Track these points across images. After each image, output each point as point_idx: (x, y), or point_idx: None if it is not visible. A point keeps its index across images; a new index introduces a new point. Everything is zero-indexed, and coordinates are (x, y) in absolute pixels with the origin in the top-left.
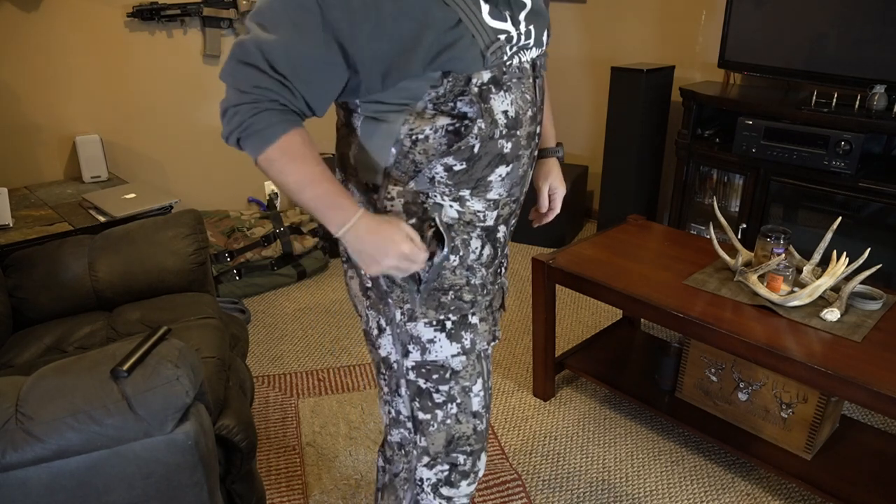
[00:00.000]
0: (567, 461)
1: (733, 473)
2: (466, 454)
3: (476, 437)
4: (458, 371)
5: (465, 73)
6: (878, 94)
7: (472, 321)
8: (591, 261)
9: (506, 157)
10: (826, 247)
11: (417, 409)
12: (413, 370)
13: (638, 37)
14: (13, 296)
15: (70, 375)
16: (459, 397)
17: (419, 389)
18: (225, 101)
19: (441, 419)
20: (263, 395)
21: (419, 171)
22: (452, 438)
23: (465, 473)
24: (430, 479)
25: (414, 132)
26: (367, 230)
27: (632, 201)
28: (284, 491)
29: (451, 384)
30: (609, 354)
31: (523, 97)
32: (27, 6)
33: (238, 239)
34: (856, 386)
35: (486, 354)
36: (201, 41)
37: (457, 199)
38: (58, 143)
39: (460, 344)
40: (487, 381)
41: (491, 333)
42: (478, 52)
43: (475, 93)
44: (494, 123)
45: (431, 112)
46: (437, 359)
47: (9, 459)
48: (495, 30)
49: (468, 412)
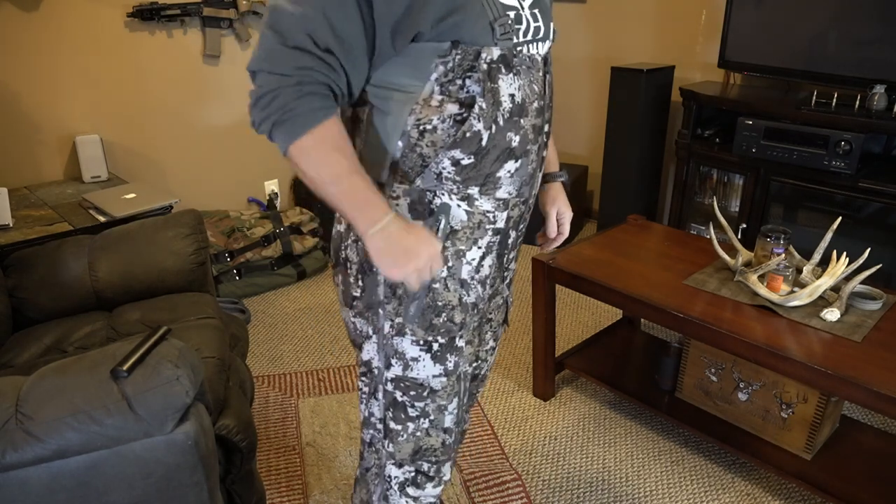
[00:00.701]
0: (567, 461)
1: (733, 473)
2: (431, 463)
3: (443, 450)
4: (436, 391)
5: (475, 45)
6: (878, 94)
7: (459, 344)
8: (591, 261)
9: (514, 152)
10: (826, 247)
11: (390, 418)
12: (392, 382)
13: (638, 37)
14: (13, 296)
15: (70, 375)
16: (433, 414)
17: (395, 401)
18: (260, 87)
19: (412, 431)
20: (263, 395)
21: (426, 165)
22: (419, 449)
23: (430, 478)
24: (398, 478)
25: (421, 122)
26: (399, 231)
27: (632, 201)
28: (284, 491)
29: (428, 402)
30: (609, 354)
31: (531, 86)
32: (27, 6)
33: (238, 239)
34: (856, 386)
35: (466, 375)
36: (201, 41)
37: (465, 197)
38: (58, 143)
39: (443, 366)
40: (463, 399)
41: (474, 355)
42: (486, 23)
43: (484, 69)
44: (498, 105)
45: (439, 98)
46: (418, 377)
47: (9, 459)
48: (504, 5)
49: (439, 428)
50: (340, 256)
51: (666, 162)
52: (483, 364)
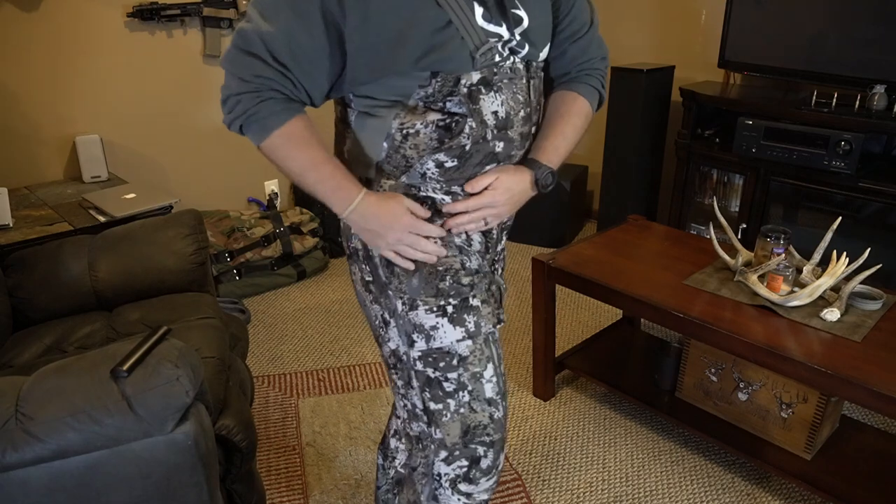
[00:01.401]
0: (567, 461)
1: (733, 473)
2: (486, 445)
3: (494, 425)
4: (465, 357)
5: (455, 73)
6: (878, 94)
7: (474, 304)
8: (591, 261)
9: (497, 156)
10: (826, 247)
11: (429, 399)
12: (420, 360)
13: (638, 37)
14: (13, 296)
15: (70, 375)
16: (470, 384)
17: (428, 379)
18: (226, 88)
19: (454, 409)
20: (263, 395)
21: (410, 166)
22: (469, 428)
23: (485, 470)
24: (448, 475)
25: (405, 126)
26: (371, 207)
27: (632, 201)
28: (284, 491)
29: (460, 371)
30: (609, 354)
31: (515, 98)
32: (27, 6)
33: (238, 239)
34: (856, 386)
35: (495, 338)
36: (201, 41)
37: (448, 192)
38: (58, 143)
39: (464, 328)
40: (499, 367)
41: (495, 316)
42: (467, 53)
43: (464, 93)
44: (484, 124)
45: (423, 108)
46: (443, 345)
47: (9, 459)
48: (487, 32)
49: (482, 399)
50: (350, 246)
51: (666, 162)
52: None
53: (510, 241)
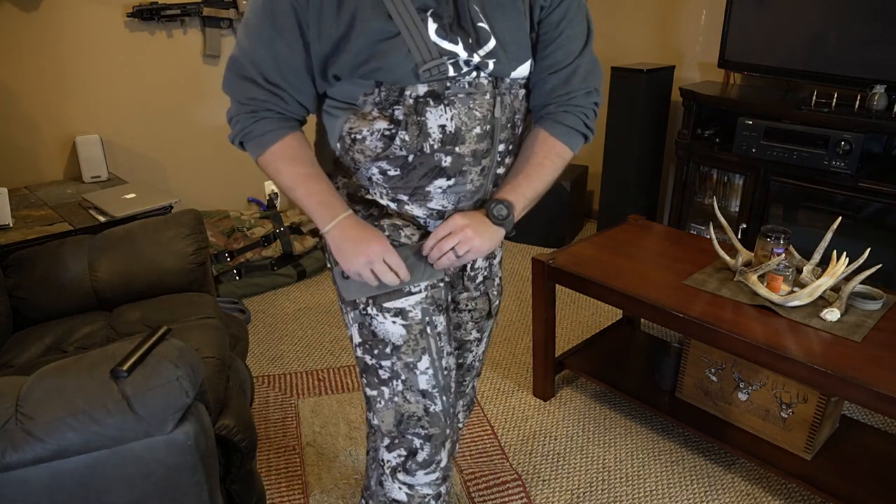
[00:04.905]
0: (567, 461)
1: (733, 473)
2: (421, 438)
3: (429, 419)
4: (398, 346)
5: (397, 84)
6: (878, 94)
7: (412, 293)
8: (591, 261)
9: (446, 171)
10: (826, 247)
11: (365, 385)
12: (360, 346)
13: (638, 37)
14: (13, 296)
15: (70, 375)
16: (404, 374)
17: (366, 365)
18: (229, 109)
19: (388, 396)
20: (263, 395)
21: (357, 168)
22: (402, 418)
23: (422, 463)
24: (390, 462)
25: (353, 131)
26: (351, 229)
27: (632, 201)
28: (284, 491)
29: (394, 360)
30: (609, 354)
31: (470, 113)
32: (27, 6)
33: (238, 239)
34: (856, 386)
35: (436, 332)
36: (201, 41)
37: (394, 199)
38: (58, 143)
39: (398, 317)
40: (439, 361)
41: (429, 299)
42: (411, 66)
43: (409, 104)
44: (425, 136)
45: (374, 114)
46: (377, 331)
47: (9, 459)
48: (441, 49)
49: (415, 390)
50: (327, 256)
51: (666, 162)
52: (467, 354)
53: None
